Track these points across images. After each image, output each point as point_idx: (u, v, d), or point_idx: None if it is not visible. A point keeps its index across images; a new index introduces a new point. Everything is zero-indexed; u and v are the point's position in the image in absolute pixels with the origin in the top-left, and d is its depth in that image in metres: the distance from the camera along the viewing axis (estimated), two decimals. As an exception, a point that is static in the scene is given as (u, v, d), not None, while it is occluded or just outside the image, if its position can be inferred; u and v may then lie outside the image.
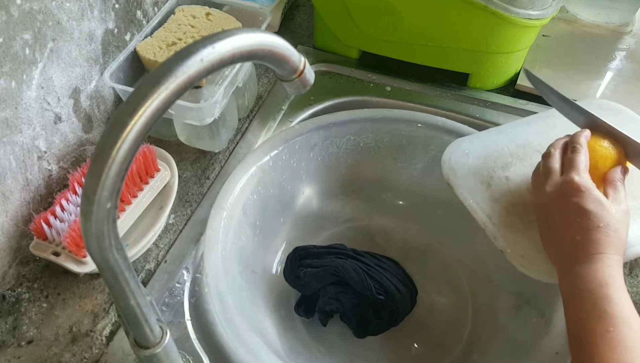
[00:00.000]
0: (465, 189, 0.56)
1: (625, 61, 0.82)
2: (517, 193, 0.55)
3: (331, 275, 0.59)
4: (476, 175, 0.57)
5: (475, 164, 0.58)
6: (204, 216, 0.62)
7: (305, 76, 0.41)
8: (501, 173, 0.57)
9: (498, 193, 0.55)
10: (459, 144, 0.60)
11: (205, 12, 0.70)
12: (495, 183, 0.56)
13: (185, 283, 0.59)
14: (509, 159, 0.58)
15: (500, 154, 0.59)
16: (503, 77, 0.79)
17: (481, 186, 0.56)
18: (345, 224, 0.72)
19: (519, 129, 0.62)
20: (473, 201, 0.55)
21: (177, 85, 0.31)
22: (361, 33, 0.79)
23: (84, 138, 0.66)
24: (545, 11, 0.70)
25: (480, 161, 0.58)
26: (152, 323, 0.41)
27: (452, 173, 0.58)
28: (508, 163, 0.58)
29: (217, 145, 0.70)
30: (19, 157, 0.57)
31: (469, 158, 0.59)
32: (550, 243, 0.49)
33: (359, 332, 0.61)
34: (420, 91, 0.78)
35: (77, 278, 0.58)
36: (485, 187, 0.56)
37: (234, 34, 0.34)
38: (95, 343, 0.54)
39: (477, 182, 0.56)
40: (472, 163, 0.58)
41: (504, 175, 0.57)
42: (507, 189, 0.56)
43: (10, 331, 0.55)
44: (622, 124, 0.52)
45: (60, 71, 0.59)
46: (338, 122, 0.69)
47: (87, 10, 0.61)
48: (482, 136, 0.62)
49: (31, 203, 0.60)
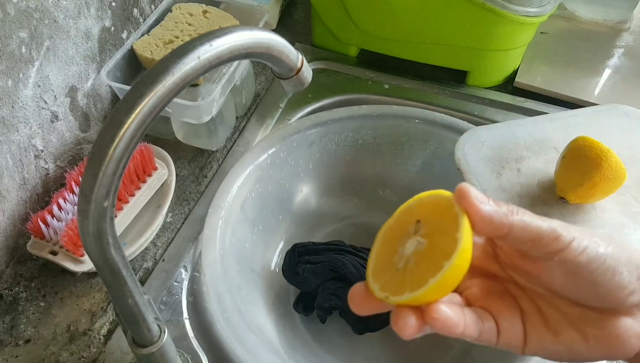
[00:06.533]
0: (474, 176, 0.56)
1: (624, 58, 0.82)
2: (526, 186, 0.55)
3: (330, 270, 0.59)
4: (488, 163, 0.57)
5: (489, 153, 0.58)
6: (202, 214, 0.62)
7: (303, 74, 0.41)
8: (513, 165, 0.57)
9: (507, 183, 0.55)
10: (475, 131, 0.61)
11: (202, 10, 0.70)
12: (506, 173, 0.56)
13: (183, 282, 0.59)
14: (524, 152, 0.58)
15: (516, 146, 0.59)
16: (501, 75, 0.79)
17: (491, 174, 0.56)
18: (344, 221, 0.72)
19: (539, 125, 0.62)
20: (480, 187, 0.55)
21: (174, 83, 0.31)
22: (359, 31, 0.79)
23: (81, 136, 0.66)
24: (543, 8, 0.70)
25: (495, 150, 0.58)
26: (150, 322, 0.41)
27: (464, 158, 0.57)
28: (522, 156, 0.58)
29: (214, 143, 0.70)
30: (16, 156, 0.57)
31: (483, 146, 0.58)
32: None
33: (358, 328, 0.61)
34: (418, 89, 0.78)
35: (75, 277, 0.58)
36: (495, 176, 0.56)
37: (231, 32, 0.33)
38: (93, 342, 0.54)
39: (487, 170, 0.56)
40: (486, 152, 0.58)
41: (516, 167, 0.56)
42: (517, 181, 0.55)
43: (7, 330, 0.54)
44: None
45: (57, 69, 0.59)
46: (336, 119, 0.69)
47: (83, 8, 0.60)
48: (501, 126, 0.62)
49: (28, 202, 0.60)
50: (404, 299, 0.28)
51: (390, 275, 0.29)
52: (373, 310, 0.30)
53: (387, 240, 0.31)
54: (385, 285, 0.29)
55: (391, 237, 0.31)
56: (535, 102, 0.76)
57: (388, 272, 0.30)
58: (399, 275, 0.29)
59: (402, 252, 0.30)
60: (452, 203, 0.29)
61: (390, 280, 0.29)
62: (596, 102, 0.74)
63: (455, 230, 0.28)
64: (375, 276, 0.30)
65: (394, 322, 0.28)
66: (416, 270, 0.28)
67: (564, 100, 0.76)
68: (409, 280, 0.28)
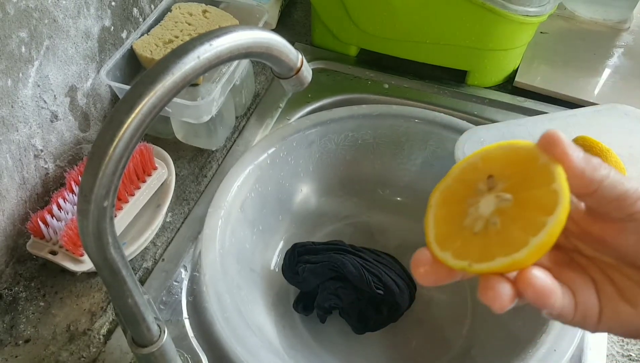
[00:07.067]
0: None
1: (623, 58, 0.82)
2: None
3: (329, 270, 0.59)
4: None
5: None
6: (202, 214, 0.62)
7: (302, 74, 0.41)
8: None
9: None
10: (475, 131, 0.61)
11: (202, 10, 0.70)
12: None
13: (183, 282, 0.59)
14: None
15: None
16: (501, 75, 0.79)
17: None
18: (343, 221, 0.72)
19: (539, 124, 0.62)
20: None
21: (174, 83, 0.31)
22: (359, 30, 0.79)
23: (81, 136, 0.66)
24: (543, 8, 0.70)
25: None
26: (150, 322, 0.41)
27: (463, 157, 0.58)
28: None
29: (214, 143, 0.70)
30: (15, 156, 0.57)
31: (483, 145, 0.59)
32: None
33: (358, 328, 0.61)
34: (418, 88, 0.78)
35: (75, 277, 0.58)
36: None
37: (231, 32, 0.33)
38: (92, 342, 0.54)
39: None
40: None
41: None
42: None
43: (7, 330, 0.54)
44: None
45: (57, 69, 0.59)
46: (336, 119, 0.69)
47: (83, 8, 0.60)
48: (500, 126, 0.62)
49: (28, 202, 0.60)
50: (495, 265, 0.25)
51: (464, 241, 0.26)
52: (442, 281, 0.27)
53: (449, 202, 0.28)
54: (460, 252, 0.26)
55: (454, 199, 0.27)
56: (535, 102, 0.76)
57: (460, 237, 0.26)
58: (479, 239, 0.26)
59: (475, 213, 0.26)
60: (537, 153, 0.25)
61: (466, 245, 0.26)
62: (596, 102, 0.74)
63: (549, 181, 0.24)
64: (443, 244, 0.27)
65: (483, 293, 0.25)
66: (505, 231, 0.25)
67: (564, 100, 0.76)
68: (497, 243, 0.25)
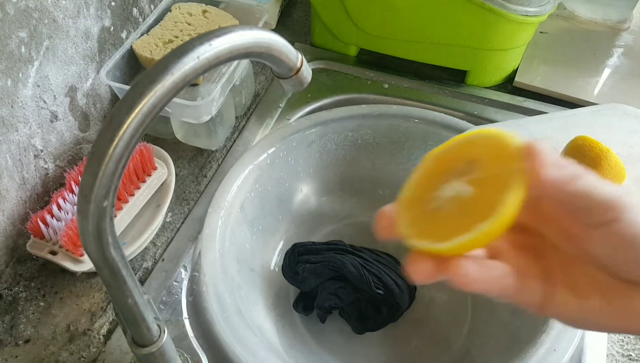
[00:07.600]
0: None
1: (623, 58, 0.82)
2: None
3: (329, 270, 0.59)
4: None
5: None
6: (202, 214, 0.62)
7: (302, 74, 0.41)
8: None
9: None
10: None
11: (201, 10, 0.70)
12: None
13: (182, 282, 0.59)
14: None
15: None
16: (501, 74, 0.79)
17: None
18: (343, 221, 0.72)
19: (539, 125, 0.62)
20: None
21: (174, 83, 0.31)
22: (359, 30, 0.79)
23: (81, 136, 0.66)
24: (542, 8, 0.70)
25: None
26: (150, 322, 0.41)
27: None
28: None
29: (214, 143, 0.70)
30: (15, 156, 0.57)
31: None
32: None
33: (358, 328, 0.61)
34: (417, 88, 0.78)
35: (75, 277, 0.58)
36: None
37: (230, 32, 0.33)
38: (92, 342, 0.54)
39: None
40: None
41: None
42: None
43: (7, 330, 0.54)
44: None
45: (57, 69, 0.59)
46: (336, 119, 0.69)
47: (83, 8, 0.60)
48: (500, 126, 0.62)
49: (28, 202, 0.60)
50: (423, 246, 0.26)
51: (419, 212, 0.27)
52: (390, 238, 0.28)
53: (433, 172, 0.28)
54: (412, 222, 0.27)
55: (437, 169, 0.28)
56: (534, 101, 0.76)
57: (418, 208, 0.27)
58: (428, 216, 0.26)
59: (442, 191, 0.27)
60: (516, 156, 0.25)
61: (418, 218, 0.27)
62: (595, 101, 0.74)
63: (505, 189, 0.24)
64: (407, 206, 0.27)
65: (408, 264, 0.27)
66: (448, 220, 0.26)
67: (564, 100, 0.76)
68: (437, 227, 0.26)
